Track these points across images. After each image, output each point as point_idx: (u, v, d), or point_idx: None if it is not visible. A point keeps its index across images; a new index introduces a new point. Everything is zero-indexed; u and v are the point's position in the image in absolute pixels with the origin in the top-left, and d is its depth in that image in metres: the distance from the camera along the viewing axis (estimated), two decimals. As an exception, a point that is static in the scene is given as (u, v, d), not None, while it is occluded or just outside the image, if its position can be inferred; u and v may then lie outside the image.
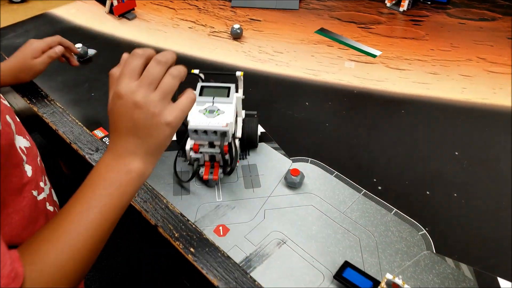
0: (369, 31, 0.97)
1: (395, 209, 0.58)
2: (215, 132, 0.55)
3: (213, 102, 0.58)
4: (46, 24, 0.97)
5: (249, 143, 0.65)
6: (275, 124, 0.72)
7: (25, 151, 0.47)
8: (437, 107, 0.76)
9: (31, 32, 0.94)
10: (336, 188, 0.61)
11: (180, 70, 0.40)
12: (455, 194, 0.61)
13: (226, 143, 0.56)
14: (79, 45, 0.84)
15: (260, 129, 0.71)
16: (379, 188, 0.62)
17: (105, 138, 0.68)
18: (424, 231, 0.56)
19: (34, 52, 0.70)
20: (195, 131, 0.55)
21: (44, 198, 0.51)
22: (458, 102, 0.77)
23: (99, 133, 0.69)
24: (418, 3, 1.08)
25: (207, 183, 0.61)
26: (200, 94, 0.59)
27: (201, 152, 0.58)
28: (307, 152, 0.67)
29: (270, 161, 0.65)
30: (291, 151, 0.67)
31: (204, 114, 0.56)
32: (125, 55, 0.41)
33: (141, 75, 0.38)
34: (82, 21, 0.99)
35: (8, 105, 0.48)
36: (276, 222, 0.56)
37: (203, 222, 0.56)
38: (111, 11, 1.00)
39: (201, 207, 0.58)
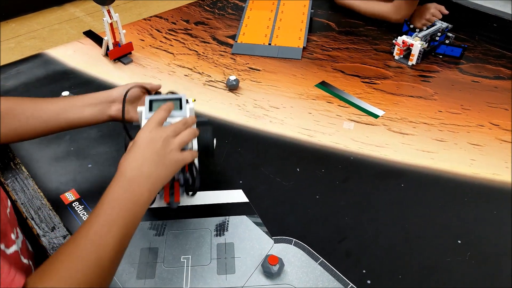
0: (373, 86, 0.92)
1: (385, 312, 0.51)
2: None
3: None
4: (39, 66, 0.95)
5: (204, 153, 0.58)
6: (261, 194, 0.66)
7: None
8: (442, 182, 0.69)
9: (23, 74, 0.92)
10: (319, 279, 0.54)
11: (196, 131, 0.53)
12: (456, 296, 0.53)
13: None
14: (66, 93, 0.81)
15: (244, 199, 0.65)
16: (368, 282, 0.54)
17: (75, 203, 0.63)
18: None
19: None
20: None
21: (16, 251, 0.47)
22: (466, 177, 0.70)
23: (69, 196, 0.64)
24: (429, 57, 1.02)
25: (169, 206, 0.56)
26: (150, 109, 0.55)
27: None
28: (292, 230, 0.61)
29: (250, 239, 0.59)
30: (274, 228, 0.61)
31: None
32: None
33: (172, 125, 0.51)
34: (76, 64, 0.96)
35: None
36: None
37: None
38: (107, 54, 0.97)
39: (166, 294, 0.53)
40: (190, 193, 0.56)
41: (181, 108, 0.55)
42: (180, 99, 0.56)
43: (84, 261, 0.39)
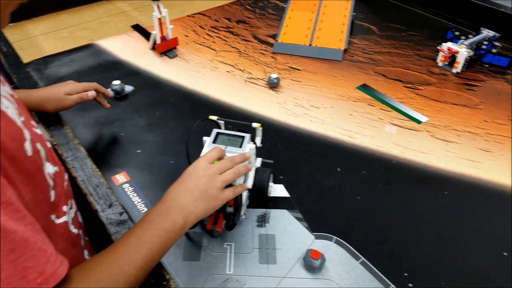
0: (416, 92, 0.91)
1: (427, 315, 0.51)
2: None
3: (225, 152, 0.56)
4: (90, 56, 0.99)
5: (258, 194, 0.62)
6: (301, 190, 0.67)
7: (53, 177, 0.48)
8: (487, 192, 0.68)
9: (76, 63, 0.96)
10: (360, 278, 0.55)
11: (240, 170, 0.54)
12: (501, 306, 0.52)
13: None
14: (117, 82, 0.85)
15: (285, 193, 0.66)
16: (410, 285, 0.54)
17: (125, 185, 0.66)
18: None
19: (69, 89, 0.73)
20: None
21: (66, 221, 0.50)
22: (512, 188, 0.69)
23: (120, 178, 0.67)
24: (474, 65, 1.01)
25: (210, 233, 0.58)
26: (215, 141, 0.58)
27: None
28: (332, 228, 0.61)
29: (291, 233, 0.60)
30: (315, 224, 0.62)
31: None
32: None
33: (219, 163, 0.53)
34: (124, 55, 1.00)
35: (40, 132, 0.48)
36: (287, 311, 0.51)
37: (208, 298, 0.52)
38: (153, 48, 1.01)
39: (209, 278, 0.54)
40: (229, 225, 0.56)
41: (241, 146, 0.57)
42: (243, 138, 0.58)
43: (112, 275, 0.42)
